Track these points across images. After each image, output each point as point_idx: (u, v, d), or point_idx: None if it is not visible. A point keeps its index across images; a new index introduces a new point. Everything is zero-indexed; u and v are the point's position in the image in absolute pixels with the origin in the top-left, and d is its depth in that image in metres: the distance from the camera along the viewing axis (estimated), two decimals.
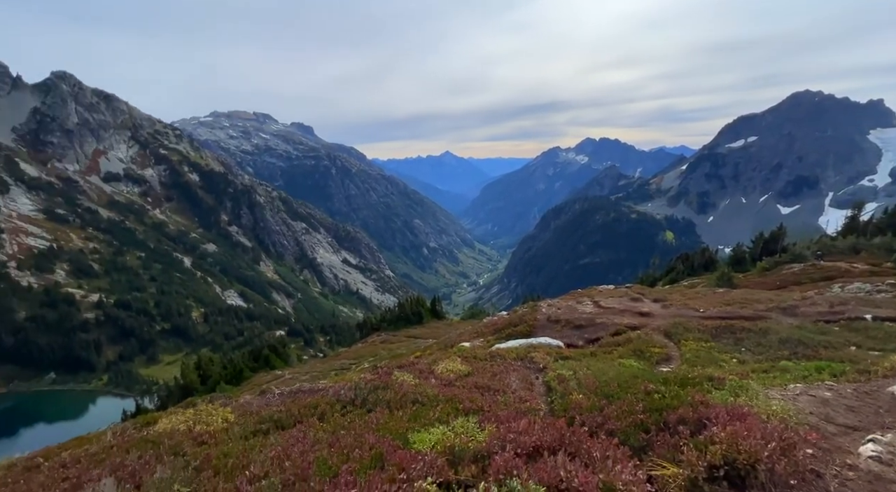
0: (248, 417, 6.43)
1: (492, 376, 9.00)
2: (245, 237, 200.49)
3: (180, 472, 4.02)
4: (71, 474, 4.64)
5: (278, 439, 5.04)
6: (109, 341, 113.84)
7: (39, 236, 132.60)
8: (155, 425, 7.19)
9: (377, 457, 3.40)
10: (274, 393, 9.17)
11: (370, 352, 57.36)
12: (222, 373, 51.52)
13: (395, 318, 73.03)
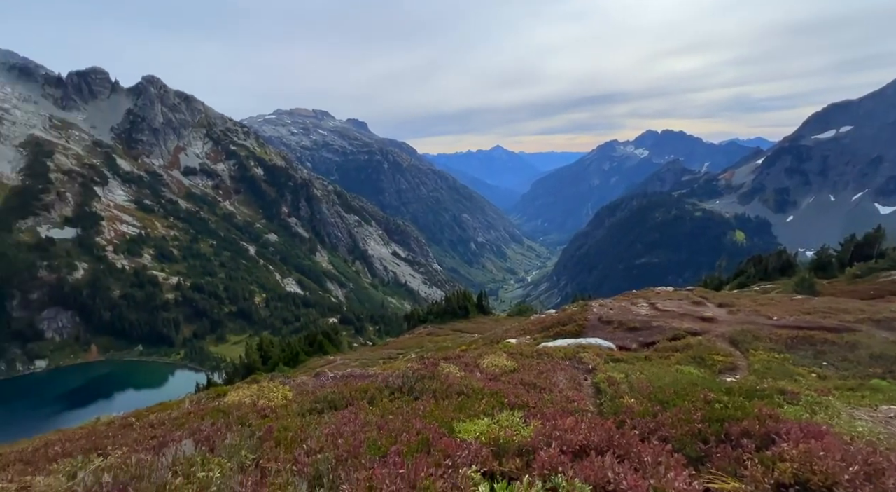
0: (305, 396, 6.89)
1: (538, 373, 8.88)
2: (303, 228, 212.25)
3: (247, 440, 4.42)
4: (158, 433, 5.27)
5: (332, 419, 5.36)
6: (186, 320, 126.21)
7: (131, 224, 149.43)
8: (225, 397, 7.92)
9: (424, 442, 3.52)
10: (327, 376, 9.72)
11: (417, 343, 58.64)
12: (281, 355, 55.19)
13: (442, 311, 73.93)
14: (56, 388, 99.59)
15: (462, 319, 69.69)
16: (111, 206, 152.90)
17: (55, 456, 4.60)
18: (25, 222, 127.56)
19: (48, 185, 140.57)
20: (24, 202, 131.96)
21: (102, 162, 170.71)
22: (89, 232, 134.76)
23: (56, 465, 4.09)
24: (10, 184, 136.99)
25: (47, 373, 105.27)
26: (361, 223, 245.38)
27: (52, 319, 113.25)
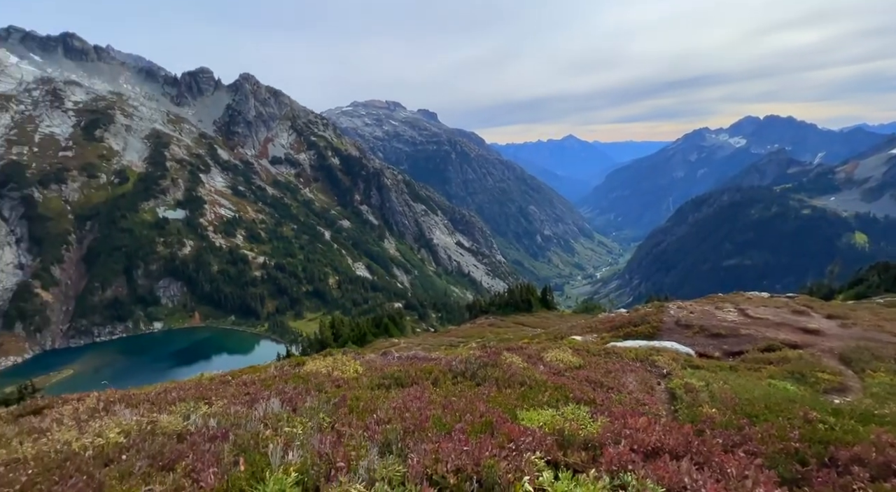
0: (374, 371, 7.34)
1: (605, 372, 8.50)
2: (373, 216, 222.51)
3: (324, 405, 4.84)
4: (250, 390, 5.98)
5: (398, 394, 5.65)
6: (270, 296, 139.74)
7: (227, 208, 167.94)
8: (304, 366, 8.70)
9: (487, 424, 3.58)
10: (393, 355, 10.21)
11: (477, 333, 58.93)
12: (350, 334, 58.84)
13: (504, 303, 73.44)
14: (168, 346, 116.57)
15: (524, 313, 68.64)
16: (212, 191, 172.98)
17: (172, 400, 5.45)
18: (148, 204, 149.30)
19: (165, 172, 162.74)
20: (147, 187, 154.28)
21: (206, 152, 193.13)
22: (195, 214, 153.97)
23: (174, 407, 4.84)
24: (138, 171, 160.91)
25: (162, 334, 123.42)
26: (428, 212, 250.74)
27: (166, 287, 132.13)
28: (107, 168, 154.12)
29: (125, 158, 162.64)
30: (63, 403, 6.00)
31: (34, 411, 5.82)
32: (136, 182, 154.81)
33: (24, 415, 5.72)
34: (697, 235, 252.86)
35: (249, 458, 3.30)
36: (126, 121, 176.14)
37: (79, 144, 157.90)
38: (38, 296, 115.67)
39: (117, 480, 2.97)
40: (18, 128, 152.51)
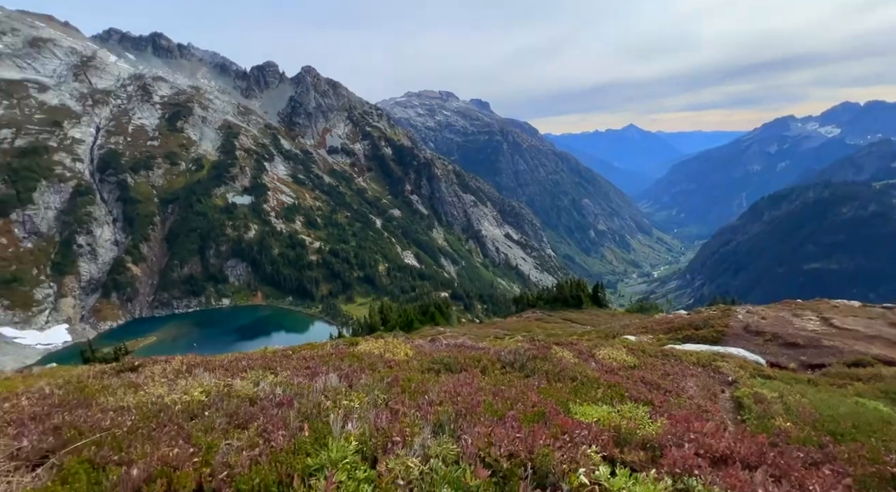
0: (424, 356, 7.53)
1: (663, 374, 8.06)
2: (423, 206, 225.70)
3: (377, 383, 5.06)
4: (310, 365, 6.40)
5: (448, 379, 5.76)
6: (324, 280, 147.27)
7: (288, 195, 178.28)
8: (357, 346, 9.13)
9: (539, 414, 3.55)
10: (442, 342, 10.41)
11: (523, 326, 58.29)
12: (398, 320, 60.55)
13: (553, 298, 71.98)
14: (234, 321, 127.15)
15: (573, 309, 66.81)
16: (275, 179, 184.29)
17: (243, 368, 5.96)
18: (219, 190, 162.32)
19: (234, 160, 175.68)
20: (219, 174, 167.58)
21: (270, 142, 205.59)
22: (259, 200, 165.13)
23: (245, 374, 5.30)
24: (211, 159, 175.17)
25: (229, 309, 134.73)
26: (477, 203, 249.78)
27: (233, 267, 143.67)
28: (186, 156, 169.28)
29: (201, 148, 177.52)
30: (153, 363, 6.78)
31: (131, 368, 6.62)
32: (210, 169, 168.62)
33: (124, 371, 6.54)
34: (774, 235, 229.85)
35: (313, 425, 3.54)
36: (203, 113, 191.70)
37: (163, 134, 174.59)
38: (129, 270, 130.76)
39: (202, 432, 3.32)
40: (115, 120, 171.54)
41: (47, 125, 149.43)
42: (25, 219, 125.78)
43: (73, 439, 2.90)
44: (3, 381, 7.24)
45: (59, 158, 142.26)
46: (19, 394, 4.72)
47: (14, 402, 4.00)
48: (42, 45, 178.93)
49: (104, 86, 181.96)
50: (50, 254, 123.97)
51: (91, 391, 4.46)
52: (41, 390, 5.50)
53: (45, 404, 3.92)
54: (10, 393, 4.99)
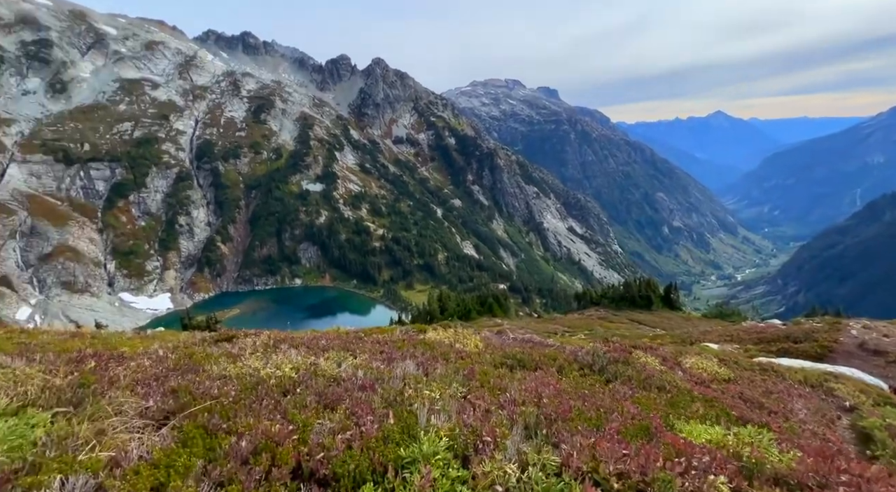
0: (494, 349, 7.36)
1: (765, 392, 7.10)
2: (483, 196, 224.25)
3: (454, 374, 4.98)
4: (384, 349, 6.52)
5: (523, 376, 5.54)
6: (386, 266, 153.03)
7: (355, 183, 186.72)
8: (426, 334, 9.20)
9: (643, 429, 3.20)
10: (509, 336, 10.18)
11: (585, 324, 56.05)
12: (455, 309, 61.11)
13: (619, 297, 68.49)
14: (305, 300, 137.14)
15: (641, 310, 62.94)
16: (344, 168, 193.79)
17: (323, 348, 6.22)
18: (295, 177, 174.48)
19: (308, 150, 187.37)
20: (295, 162, 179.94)
21: (341, 132, 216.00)
22: (329, 187, 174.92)
23: (326, 354, 5.51)
24: (289, 149, 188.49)
25: (301, 289, 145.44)
26: (539, 195, 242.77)
27: (305, 250, 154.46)
28: (267, 146, 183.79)
29: (280, 138, 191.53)
30: (245, 336, 7.34)
31: (227, 338, 7.23)
32: (287, 158, 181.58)
33: (221, 341, 7.15)
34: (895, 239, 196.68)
35: (397, 413, 3.52)
36: (282, 105, 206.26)
37: (249, 125, 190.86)
38: (219, 248, 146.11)
39: (296, 409, 3.44)
40: (210, 113, 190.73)
41: (157, 118, 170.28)
42: (140, 200, 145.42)
43: (188, 403, 3.13)
44: (127, 340, 8.29)
45: (166, 147, 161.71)
46: (141, 354, 5.32)
47: (139, 362, 4.50)
48: (155, 47, 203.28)
49: (202, 82, 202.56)
50: (157, 231, 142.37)
51: (198, 358, 4.89)
52: (156, 353, 6.18)
53: (163, 367, 4.35)
54: (134, 353, 5.65)
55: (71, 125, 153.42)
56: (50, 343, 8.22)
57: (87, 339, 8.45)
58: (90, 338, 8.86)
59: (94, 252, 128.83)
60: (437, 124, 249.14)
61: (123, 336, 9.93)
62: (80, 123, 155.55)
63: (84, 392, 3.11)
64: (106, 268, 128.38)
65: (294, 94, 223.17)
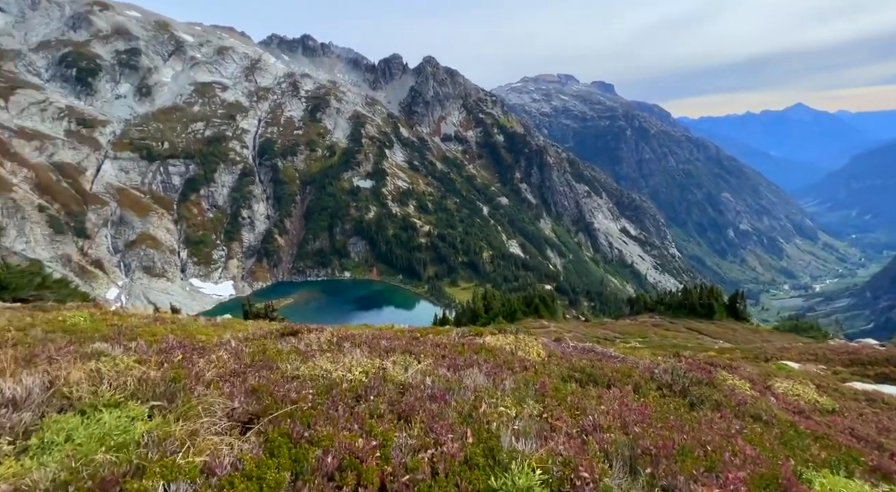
0: (558, 359, 6.95)
1: (880, 429, 6.11)
2: (531, 194, 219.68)
3: (525, 389, 4.68)
4: (446, 353, 6.35)
5: (596, 393, 5.11)
6: (431, 262, 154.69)
7: (403, 180, 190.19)
8: (482, 337, 8.96)
9: (771, 480, 2.72)
10: (568, 344, 9.67)
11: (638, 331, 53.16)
12: (500, 309, 60.32)
13: (676, 304, 64.48)
14: (353, 292, 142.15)
15: (702, 319, 58.84)
16: (393, 165, 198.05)
17: (385, 349, 6.17)
18: (346, 174, 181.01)
19: (360, 147, 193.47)
20: (347, 160, 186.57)
21: (391, 130, 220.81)
22: (379, 184, 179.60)
23: (391, 357, 5.42)
24: (342, 146, 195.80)
25: (350, 281, 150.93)
26: (591, 194, 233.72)
27: (354, 244, 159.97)
28: (322, 144, 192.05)
29: (334, 136, 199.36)
30: (308, 331, 7.49)
31: (292, 333, 7.41)
32: (340, 156, 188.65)
33: (286, 334, 7.35)
34: None
35: (476, 431, 3.30)
36: (337, 105, 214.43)
37: (306, 124, 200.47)
38: (276, 240, 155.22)
39: (371, 418, 3.33)
40: (272, 113, 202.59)
41: (226, 118, 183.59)
42: (209, 194, 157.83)
43: (270, 406, 3.11)
44: (202, 328, 8.78)
45: (233, 145, 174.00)
46: (217, 346, 5.54)
47: (218, 354, 4.66)
48: (225, 52, 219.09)
49: (265, 84, 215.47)
50: (223, 223, 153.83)
51: (271, 355, 4.98)
52: (229, 344, 6.43)
53: (241, 363, 4.45)
54: (211, 343, 5.91)
55: (153, 125, 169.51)
56: (137, 327, 8.93)
57: (168, 325, 9.06)
58: (170, 324, 9.51)
59: (170, 241, 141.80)
60: (485, 122, 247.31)
61: (198, 323, 10.56)
62: (161, 123, 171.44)
63: (175, 387, 3.19)
64: (179, 255, 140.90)
65: (348, 93, 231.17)
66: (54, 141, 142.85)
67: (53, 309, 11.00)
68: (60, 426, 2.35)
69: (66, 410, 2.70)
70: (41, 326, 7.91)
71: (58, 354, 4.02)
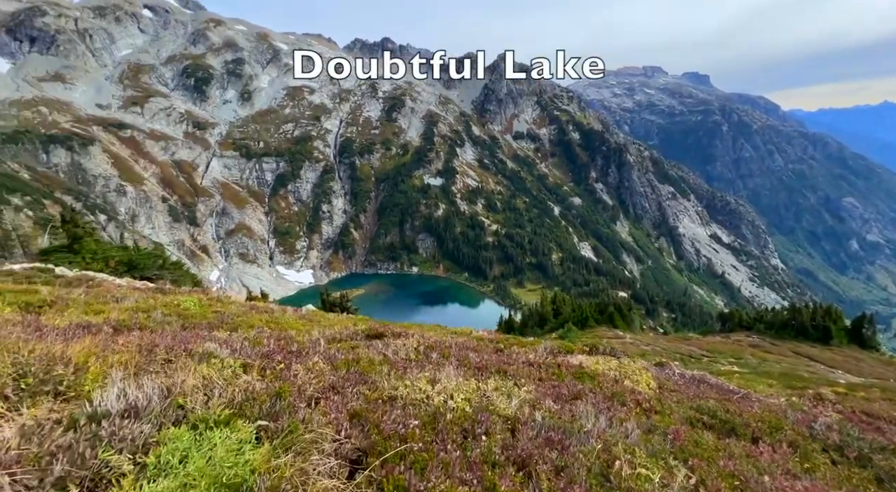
0: (675, 394, 5.91)
1: None
2: (608, 195, 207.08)
3: (659, 441, 3.85)
4: (543, 375, 5.68)
5: (747, 451, 4.10)
6: (497, 261, 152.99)
7: (473, 178, 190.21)
8: (572, 355, 8.10)
9: None
10: (674, 371, 8.41)
11: (731, 351, 47.75)
12: (571, 314, 57.40)
13: (780, 323, 57.01)
14: (420, 287, 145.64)
15: (814, 343, 51.20)
16: (463, 163, 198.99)
17: (477, 366, 5.66)
18: (418, 172, 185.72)
19: (432, 146, 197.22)
20: (419, 158, 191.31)
21: (463, 129, 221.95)
22: (448, 182, 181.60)
23: (488, 379, 4.89)
24: (415, 145, 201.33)
25: (417, 276, 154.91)
26: (676, 196, 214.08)
27: (423, 240, 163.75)
28: (396, 143, 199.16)
29: (408, 135, 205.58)
30: (393, 336, 7.27)
31: (377, 335, 7.24)
32: (413, 154, 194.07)
33: (371, 337, 7.19)
34: None
35: None
36: (412, 104, 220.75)
37: (382, 124, 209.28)
38: (351, 234, 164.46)
39: (488, 465, 2.82)
40: (352, 113, 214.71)
41: (312, 119, 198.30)
42: (295, 189, 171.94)
43: (378, 444, 2.74)
44: (293, 321, 9.04)
45: (317, 144, 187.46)
46: (310, 349, 5.43)
47: (314, 361, 4.51)
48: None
49: (347, 86, 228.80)
50: (306, 216, 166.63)
51: (364, 365, 4.73)
52: (319, 343, 6.39)
53: (336, 373, 4.22)
54: (303, 343, 5.86)
55: (252, 127, 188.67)
56: (237, 315, 9.47)
57: (264, 315, 9.48)
58: (266, 314, 9.98)
59: (262, 231, 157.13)
60: (560, 118, 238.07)
61: (287, 315, 11.00)
62: (258, 124, 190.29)
63: (280, 405, 2.96)
64: (269, 244, 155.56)
65: (423, 93, 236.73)
66: (175, 141, 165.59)
67: (170, 292, 12.19)
68: (175, 445, 2.30)
69: (180, 422, 2.61)
70: (161, 308, 8.62)
71: (173, 352, 4.10)
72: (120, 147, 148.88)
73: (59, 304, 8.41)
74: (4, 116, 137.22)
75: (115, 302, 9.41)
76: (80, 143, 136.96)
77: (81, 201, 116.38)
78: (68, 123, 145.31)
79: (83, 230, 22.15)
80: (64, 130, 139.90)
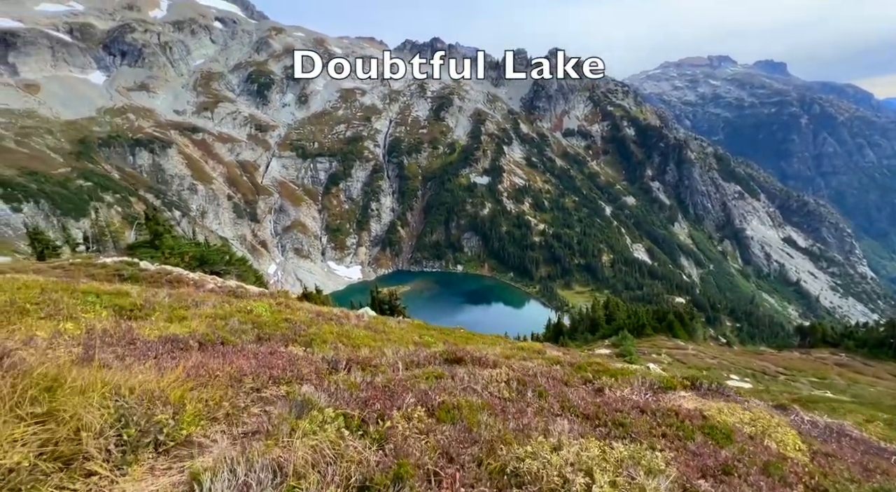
0: (838, 465, 4.81)
1: None
2: (665, 194, 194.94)
3: None
4: (666, 430, 4.81)
5: None
6: (544, 262, 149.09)
7: (520, 177, 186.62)
8: (674, 391, 7.07)
9: None
10: (802, 419, 7.08)
11: (812, 369, 43.29)
12: (626, 321, 54.31)
13: (875, 341, 51.27)
14: (464, 286, 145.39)
15: None
16: (510, 162, 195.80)
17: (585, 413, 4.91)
18: (464, 171, 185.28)
19: (479, 144, 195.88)
20: (466, 157, 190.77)
21: (511, 126, 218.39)
22: (495, 180, 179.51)
23: (616, 443, 4.12)
24: (462, 144, 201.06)
25: (461, 275, 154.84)
26: (744, 195, 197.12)
27: (468, 239, 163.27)
28: (443, 142, 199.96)
29: (455, 134, 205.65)
30: (473, 363, 6.65)
31: (456, 360, 6.67)
32: (459, 153, 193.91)
33: (451, 362, 6.63)
34: None
35: None
36: (460, 103, 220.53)
37: (430, 123, 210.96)
38: (398, 232, 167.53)
39: None
40: (401, 113, 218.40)
41: (363, 120, 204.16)
42: (346, 188, 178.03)
43: None
44: (362, 337, 8.72)
45: (367, 144, 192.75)
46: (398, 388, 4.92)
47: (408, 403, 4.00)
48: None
49: (397, 87, 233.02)
50: (356, 214, 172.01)
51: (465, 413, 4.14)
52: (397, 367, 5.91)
53: (441, 430, 3.66)
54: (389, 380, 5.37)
55: (308, 128, 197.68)
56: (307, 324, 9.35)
57: (333, 326, 9.30)
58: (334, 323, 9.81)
59: (315, 227, 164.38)
60: (614, 114, 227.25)
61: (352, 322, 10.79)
62: (313, 126, 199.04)
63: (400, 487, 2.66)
64: (321, 240, 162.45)
65: (470, 91, 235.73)
66: (239, 143, 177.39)
67: (242, 296, 12.43)
68: None
69: None
70: (236, 316, 8.67)
71: (259, 379, 3.79)
72: (192, 149, 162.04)
73: (147, 307, 8.69)
74: (100, 123, 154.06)
75: (194, 307, 9.66)
76: (160, 145, 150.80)
77: (160, 199, 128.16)
78: (151, 127, 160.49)
79: (163, 227, 23.79)
80: (147, 134, 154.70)
